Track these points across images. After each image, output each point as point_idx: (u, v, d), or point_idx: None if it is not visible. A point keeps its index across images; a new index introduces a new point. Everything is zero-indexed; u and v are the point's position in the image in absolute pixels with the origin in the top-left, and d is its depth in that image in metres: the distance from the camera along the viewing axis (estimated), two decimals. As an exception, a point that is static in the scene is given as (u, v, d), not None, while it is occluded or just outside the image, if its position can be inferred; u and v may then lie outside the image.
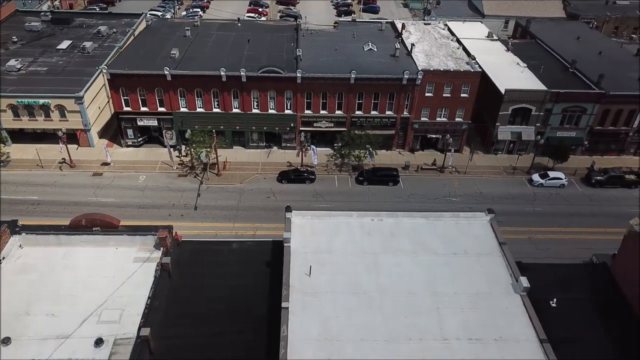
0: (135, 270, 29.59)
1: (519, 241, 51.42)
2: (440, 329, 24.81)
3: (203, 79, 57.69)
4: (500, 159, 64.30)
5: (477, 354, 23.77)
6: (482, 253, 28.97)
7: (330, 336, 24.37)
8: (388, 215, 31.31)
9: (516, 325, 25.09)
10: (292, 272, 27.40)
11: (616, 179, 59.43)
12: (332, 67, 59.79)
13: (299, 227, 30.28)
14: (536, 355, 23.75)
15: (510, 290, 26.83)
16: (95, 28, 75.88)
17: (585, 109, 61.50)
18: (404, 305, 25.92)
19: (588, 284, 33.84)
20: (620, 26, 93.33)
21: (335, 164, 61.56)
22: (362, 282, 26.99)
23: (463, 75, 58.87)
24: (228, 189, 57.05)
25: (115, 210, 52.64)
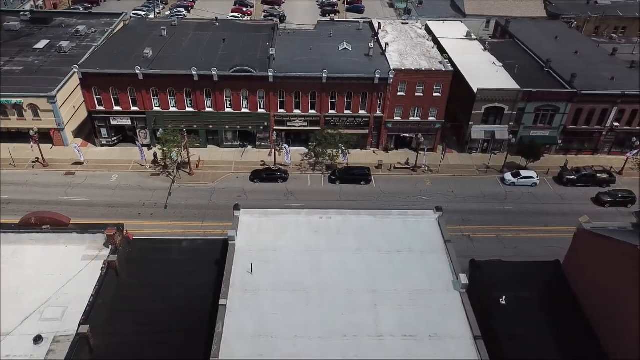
0: (82, 269, 29.68)
1: (487, 239, 51.83)
2: (376, 326, 24.95)
3: (175, 78, 57.80)
4: (475, 158, 64.50)
5: (409, 351, 23.92)
6: (426, 251, 29.12)
7: (265, 333, 24.50)
8: (337, 213, 31.46)
9: (452, 322, 25.24)
10: (235, 269, 27.53)
11: (588, 177, 59.63)
12: (305, 66, 59.92)
13: (246, 226, 30.41)
14: (469, 352, 23.89)
15: (450, 288, 26.96)
16: (74, 28, 75.98)
17: (558, 108, 61.73)
18: (343, 302, 26.05)
19: (540, 281, 34.01)
20: (600, 26, 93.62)
21: (309, 163, 61.73)
22: (303, 280, 27.11)
23: (435, 75, 59.06)
24: (199, 188, 57.16)
25: (85, 209, 52.97)
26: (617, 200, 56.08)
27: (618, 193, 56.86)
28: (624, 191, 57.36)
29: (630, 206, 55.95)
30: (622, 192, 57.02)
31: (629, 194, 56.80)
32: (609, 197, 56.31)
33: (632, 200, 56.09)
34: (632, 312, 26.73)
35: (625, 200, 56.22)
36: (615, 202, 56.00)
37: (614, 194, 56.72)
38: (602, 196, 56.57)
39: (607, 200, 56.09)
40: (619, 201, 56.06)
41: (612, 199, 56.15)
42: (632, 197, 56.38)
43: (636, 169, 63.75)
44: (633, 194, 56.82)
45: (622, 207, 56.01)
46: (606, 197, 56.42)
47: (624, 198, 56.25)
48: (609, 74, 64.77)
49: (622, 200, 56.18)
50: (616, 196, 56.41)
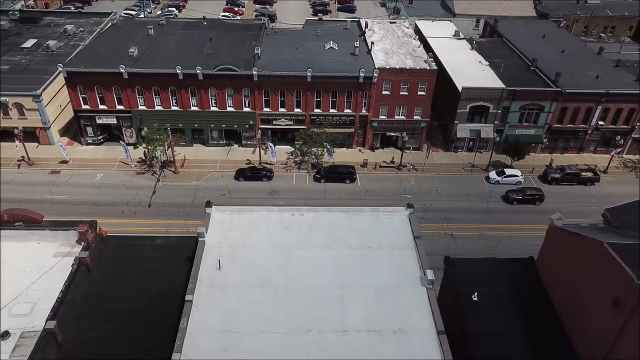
0: (53, 265, 29.76)
1: (470, 237, 52.01)
2: (341, 321, 25.06)
3: (160, 77, 57.90)
4: (460, 156, 64.65)
5: (373, 346, 24.04)
6: (396, 247, 29.23)
7: (230, 328, 24.62)
8: (309, 210, 31.57)
9: (417, 318, 25.36)
10: (203, 266, 27.63)
11: (572, 176, 59.80)
12: (290, 65, 60.05)
13: (217, 222, 30.52)
14: (431, 347, 24.02)
15: (417, 283, 27.09)
16: (62, 27, 76.09)
17: (543, 107, 61.91)
18: (309, 298, 26.16)
19: (513, 278, 34.09)
20: (590, 25, 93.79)
21: (295, 161, 61.86)
22: (271, 276, 27.22)
23: (419, 73, 59.21)
24: (184, 186, 57.29)
25: (68, 208, 53.10)
26: (525, 198, 55.87)
27: (526, 191, 56.67)
28: (532, 189, 57.24)
29: (538, 204, 55.99)
30: (530, 190, 56.83)
31: (538, 191, 56.66)
32: (517, 195, 56.08)
33: (539, 198, 56.08)
34: (598, 308, 26.86)
35: (533, 198, 56.07)
36: (523, 199, 55.77)
37: (522, 192, 56.51)
38: (511, 194, 56.38)
39: (515, 197, 55.83)
40: (526, 199, 55.88)
41: (520, 196, 55.95)
42: (540, 194, 56.24)
43: (621, 167, 64.08)
44: (541, 191, 56.71)
45: (531, 205, 55.93)
46: (514, 194, 56.19)
47: (531, 196, 56.11)
48: (595, 73, 64.93)
49: (530, 198, 56.03)
50: (525, 194, 56.25)
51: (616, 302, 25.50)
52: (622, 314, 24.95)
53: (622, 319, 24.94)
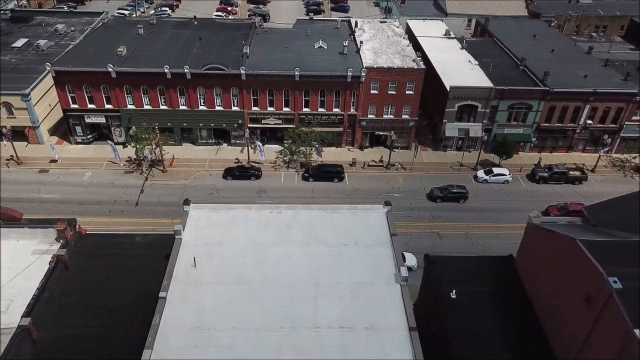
0: (31, 263, 29.85)
1: (456, 236, 52.19)
2: (314, 318, 25.17)
3: (148, 76, 58.02)
4: (449, 155, 64.79)
5: (345, 342, 24.15)
6: (372, 244, 29.33)
7: (203, 325, 24.73)
8: (287, 208, 31.68)
9: (390, 314, 25.45)
10: (179, 263, 27.74)
11: (560, 175, 59.98)
12: (278, 64, 60.16)
13: (195, 220, 30.64)
14: (402, 343, 24.14)
15: (392, 280, 27.20)
16: (54, 27, 76.14)
17: (531, 106, 62.05)
18: (284, 295, 26.26)
19: (492, 276, 34.23)
20: (581, 25, 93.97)
21: (284, 160, 62.00)
22: (247, 273, 27.31)
23: (407, 73, 59.34)
24: (172, 185, 57.42)
25: (56, 207, 53.18)
26: (448, 196, 55.86)
27: (450, 188, 56.53)
28: (457, 187, 57.08)
29: (462, 201, 56.03)
30: (454, 188, 56.72)
31: (462, 189, 56.63)
32: (441, 193, 56.03)
33: (463, 196, 56.09)
34: (572, 305, 27.00)
35: (456, 196, 56.08)
36: (446, 197, 55.73)
37: (446, 190, 56.45)
38: (435, 192, 56.34)
39: (439, 195, 55.81)
40: (449, 197, 55.89)
41: (443, 194, 55.92)
42: (464, 192, 56.21)
43: (610, 166, 64.28)
44: (465, 189, 56.73)
45: (455, 203, 55.97)
46: (438, 192, 56.14)
47: (454, 194, 56.07)
48: (583, 72, 65.06)
49: (454, 195, 56.07)
50: (448, 192, 56.22)
51: (588, 299, 25.65)
52: (594, 310, 25.09)
53: (594, 315, 25.09)
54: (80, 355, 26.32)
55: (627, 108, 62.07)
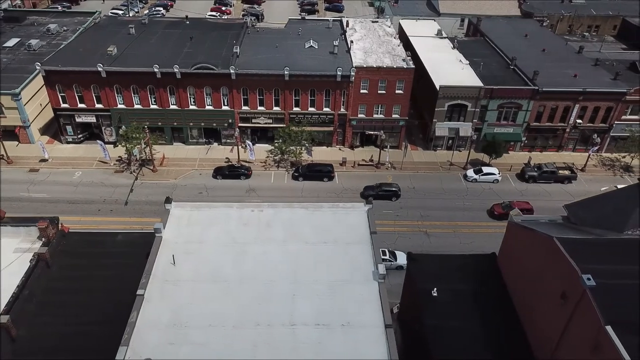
0: (13, 261, 29.96)
1: (444, 235, 52.33)
2: (291, 315, 25.30)
3: (137, 75, 58.10)
4: (439, 155, 64.91)
5: (320, 339, 24.27)
6: (351, 242, 29.46)
7: (180, 322, 24.85)
8: (269, 207, 31.82)
9: (366, 312, 25.58)
10: (158, 261, 27.86)
11: (549, 174, 60.11)
12: (269, 64, 60.26)
13: (176, 218, 30.75)
14: (378, 340, 24.26)
15: (370, 278, 27.33)
16: (46, 26, 76.23)
17: (521, 105, 62.19)
18: (261, 292, 26.39)
19: (475, 274, 34.38)
20: (574, 24, 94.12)
21: (274, 160, 62.13)
22: (225, 271, 27.44)
23: (396, 72, 59.46)
24: (162, 184, 57.51)
25: (45, 206, 53.25)
26: (379, 194, 55.53)
27: (382, 187, 56.42)
28: (388, 185, 56.99)
29: (394, 199, 55.84)
30: (386, 186, 56.60)
31: (393, 187, 56.41)
32: (372, 191, 55.69)
33: (395, 194, 55.85)
34: (549, 302, 27.13)
35: (388, 194, 55.91)
36: (377, 195, 55.19)
37: (378, 188, 56.31)
38: (366, 190, 56.07)
39: (370, 194, 55.08)
40: (380, 195, 55.49)
41: (374, 192, 55.55)
42: (395, 191, 56.00)
43: (600, 165, 64.43)
44: (397, 187, 56.56)
45: (387, 201, 55.60)
46: (369, 191, 55.83)
47: (385, 192, 55.94)
48: (574, 71, 65.17)
49: (384, 194, 55.88)
50: (380, 189, 56.02)
51: (564, 296, 25.80)
52: (569, 307, 25.24)
53: (569, 312, 25.23)
54: (59, 352, 26.48)
55: (616, 107, 62.22)
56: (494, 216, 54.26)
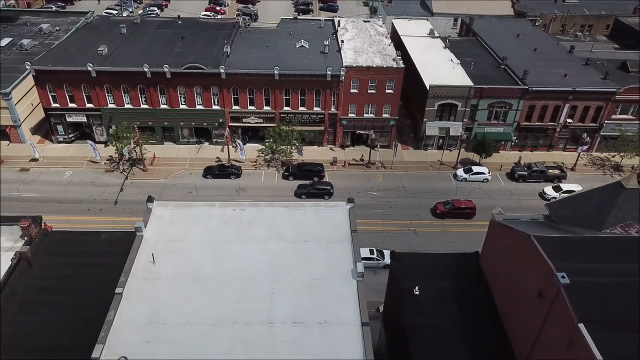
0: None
1: (433, 234, 52.48)
2: (269, 314, 25.37)
3: (128, 75, 58.21)
4: (430, 154, 65.04)
5: (297, 337, 24.35)
6: (332, 241, 29.52)
7: (157, 320, 24.91)
8: (251, 206, 31.91)
9: (344, 310, 25.65)
10: (138, 260, 27.93)
11: (538, 173, 60.26)
12: (259, 63, 60.37)
13: (157, 217, 30.82)
14: (354, 338, 24.34)
15: (349, 276, 27.42)
16: (38, 26, 76.31)
17: (511, 105, 62.33)
18: (240, 291, 26.45)
19: (457, 272, 34.52)
20: (567, 24, 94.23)
21: (265, 159, 62.24)
22: (205, 270, 27.50)
23: (386, 71, 59.58)
24: (152, 184, 57.60)
25: (34, 205, 53.37)
26: (311, 192, 55.79)
27: (315, 185, 56.57)
28: (322, 183, 57.14)
29: (327, 198, 55.63)
30: (320, 185, 56.79)
31: (326, 185, 56.54)
32: (305, 190, 55.92)
33: (327, 192, 55.91)
34: (527, 300, 27.25)
35: (321, 192, 55.91)
36: (309, 193, 55.72)
37: (310, 186, 56.42)
38: (300, 189, 56.26)
39: (303, 192, 55.65)
40: (313, 193, 55.76)
41: (306, 190, 55.81)
42: (328, 189, 56.04)
43: (590, 165, 64.60)
44: (330, 185, 56.62)
45: (320, 199, 55.22)
46: (303, 189, 56.04)
47: (318, 190, 56.02)
48: (564, 71, 65.27)
49: (317, 192, 55.89)
50: (312, 187, 56.18)
51: (540, 294, 25.94)
52: (545, 305, 25.37)
53: (545, 310, 25.36)
54: (40, 351, 26.58)
55: (606, 107, 62.36)
56: (437, 215, 54.20)
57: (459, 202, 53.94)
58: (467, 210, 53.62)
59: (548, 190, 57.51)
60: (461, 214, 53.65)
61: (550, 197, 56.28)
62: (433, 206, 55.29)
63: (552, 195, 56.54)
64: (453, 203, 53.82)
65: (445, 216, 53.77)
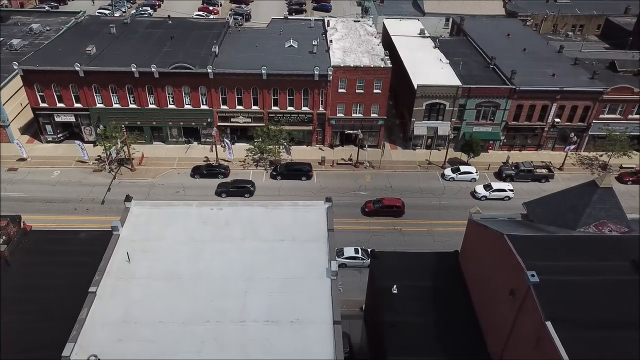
0: (-28, 259, 30.13)
1: (418, 233, 52.59)
2: (241, 312, 25.50)
3: (115, 74, 58.29)
4: (418, 154, 65.17)
5: (268, 335, 24.47)
6: (309, 240, 29.64)
7: (130, 319, 25.03)
8: (229, 205, 32.04)
9: (317, 308, 25.77)
10: (114, 259, 28.06)
11: (526, 172, 60.40)
12: (247, 63, 60.46)
13: (135, 217, 30.95)
14: (325, 336, 24.46)
15: (323, 275, 27.55)
16: (29, 26, 76.40)
17: (499, 104, 62.46)
18: (214, 289, 26.57)
19: (436, 271, 34.65)
20: (558, 24, 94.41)
21: (254, 159, 62.33)
22: (180, 269, 27.61)
23: (374, 71, 59.70)
24: (139, 183, 57.70)
25: (21, 205, 53.45)
26: (230, 190, 55.47)
27: (236, 183, 56.33)
28: (242, 181, 56.81)
29: (247, 196, 55.35)
30: (239, 183, 56.45)
31: (246, 184, 56.32)
32: (225, 188, 55.71)
33: (247, 190, 55.67)
34: (501, 298, 27.38)
35: (241, 190, 55.67)
36: (229, 192, 55.40)
37: (231, 184, 56.21)
38: (219, 187, 55.98)
39: (223, 190, 55.46)
40: (232, 191, 55.43)
41: (226, 189, 55.58)
42: (248, 187, 55.79)
43: (578, 164, 64.77)
44: (250, 183, 56.54)
45: (240, 197, 55.20)
46: (222, 187, 55.80)
47: (237, 188, 55.70)
48: (553, 70, 65.40)
49: (236, 190, 55.61)
50: (232, 185, 55.97)
51: (512, 293, 26.07)
52: (516, 304, 25.50)
53: (516, 308, 25.50)
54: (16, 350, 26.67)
55: (593, 106, 62.52)
56: (365, 213, 54.22)
57: (388, 201, 53.92)
58: (394, 208, 53.55)
59: (479, 189, 57.93)
60: (389, 212, 53.67)
61: (481, 195, 57.28)
62: (364, 204, 54.99)
63: (482, 193, 57.35)
64: (382, 201, 53.82)
65: (373, 214, 53.69)
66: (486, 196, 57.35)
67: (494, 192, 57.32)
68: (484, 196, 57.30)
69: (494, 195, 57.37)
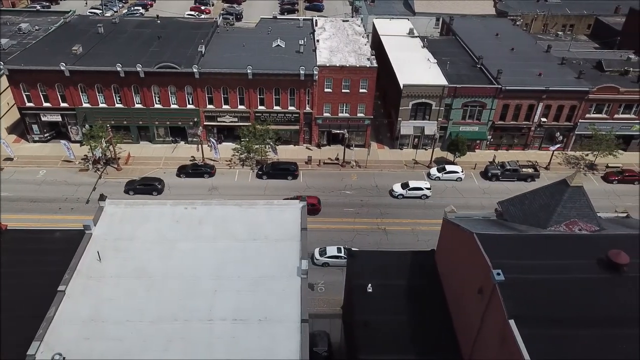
0: (-55, 258, 30.15)
1: (402, 232, 52.65)
2: (210, 311, 25.58)
3: (101, 74, 58.32)
4: (405, 153, 65.26)
5: (235, 334, 24.55)
6: (281, 238, 29.73)
7: (98, 318, 25.09)
8: (203, 204, 32.09)
9: (285, 307, 25.86)
10: (85, 258, 28.12)
11: (512, 172, 60.50)
12: (234, 62, 60.49)
13: (109, 216, 31.01)
14: (292, 334, 24.54)
15: (294, 274, 27.63)
16: (17, 25, 76.38)
17: (485, 104, 62.55)
18: (184, 288, 26.66)
19: (412, 270, 34.71)
20: (548, 23, 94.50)
21: (240, 158, 62.38)
22: (150, 267, 27.69)
23: (359, 71, 59.77)
24: (125, 183, 57.62)
25: (5, 204, 53.48)
26: (137, 187, 55.31)
27: (142, 181, 56.23)
28: (150, 179, 56.58)
29: (155, 194, 55.35)
30: (147, 181, 56.33)
31: (154, 181, 55.91)
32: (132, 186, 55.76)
33: (155, 188, 55.71)
34: (471, 297, 27.47)
35: (147, 188, 55.45)
36: (136, 189, 55.44)
37: (137, 182, 56.07)
38: (127, 185, 55.95)
39: (130, 188, 55.53)
40: (139, 189, 55.35)
41: (133, 187, 55.64)
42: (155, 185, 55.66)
43: (564, 163, 64.88)
44: (157, 180, 56.29)
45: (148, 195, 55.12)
46: (130, 185, 55.86)
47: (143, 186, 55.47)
48: (540, 70, 65.46)
49: (143, 188, 55.41)
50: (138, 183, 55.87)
51: (480, 291, 26.15)
52: (483, 302, 25.59)
53: (483, 307, 25.58)
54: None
55: (580, 106, 62.63)
56: None
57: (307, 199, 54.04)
58: (309, 206, 53.30)
59: (396, 188, 57.40)
60: None
61: (398, 193, 56.81)
62: None
63: (399, 192, 56.84)
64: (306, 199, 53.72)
65: None
66: (403, 194, 57.02)
67: (411, 191, 56.89)
68: (401, 194, 56.98)
69: (411, 194, 56.98)
